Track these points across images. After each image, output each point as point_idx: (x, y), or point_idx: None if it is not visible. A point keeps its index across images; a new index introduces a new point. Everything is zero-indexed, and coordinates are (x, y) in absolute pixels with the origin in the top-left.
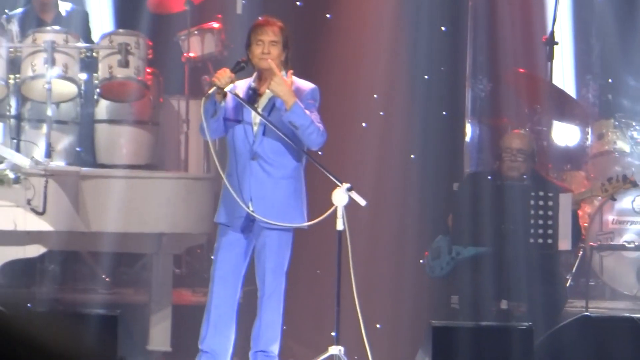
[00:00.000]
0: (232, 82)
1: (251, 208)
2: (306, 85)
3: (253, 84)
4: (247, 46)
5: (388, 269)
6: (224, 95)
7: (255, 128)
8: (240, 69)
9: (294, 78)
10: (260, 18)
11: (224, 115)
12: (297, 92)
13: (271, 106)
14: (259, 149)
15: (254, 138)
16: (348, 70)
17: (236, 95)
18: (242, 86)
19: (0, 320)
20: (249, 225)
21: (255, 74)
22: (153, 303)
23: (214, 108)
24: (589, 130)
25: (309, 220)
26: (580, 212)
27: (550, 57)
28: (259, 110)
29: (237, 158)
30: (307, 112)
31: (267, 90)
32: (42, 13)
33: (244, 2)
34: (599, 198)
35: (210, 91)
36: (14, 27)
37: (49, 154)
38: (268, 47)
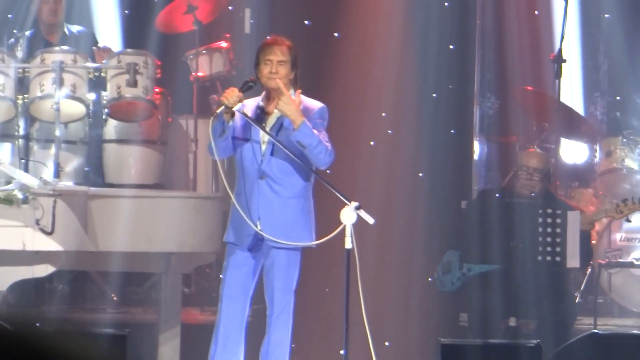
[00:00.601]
0: (240, 101)
1: (259, 227)
2: (315, 104)
3: (261, 103)
4: (255, 65)
5: (396, 287)
6: (232, 114)
7: (263, 147)
8: (248, 88)
9: (302, 97)
10: (268, 37)
11: (232, 134)
12: (306, 111)
13: (279, 125)
14: (267, 168)
15: (262, 157)
16: (356, 88)
17: (244, 114)
18: (250, 105)
19: (10, 340)
20: (257, 244)
21: (263, 93)
22: (162, 322)
23: (222, 128)
24: (597, 147)
25: (317, 240)
26: (593, 232)
27: (558, 74)
28: (267, 129)
29: (245, 177)
30: (315, 131)
31: (276, 110)
32: (49, 35)
33: (252, 21)
34: None
35: (219, 110)
36: (22, 49)
37: (57, 174)
38: (276, 67)
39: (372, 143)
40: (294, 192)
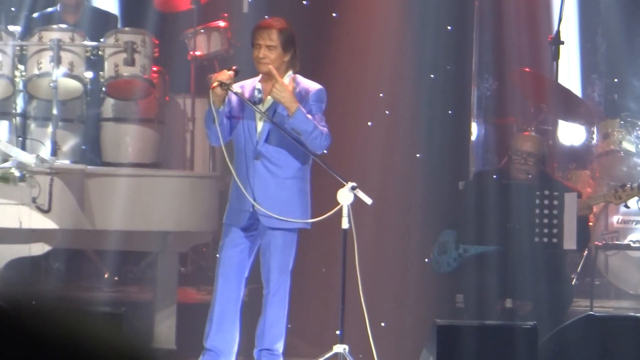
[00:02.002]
0: (231, 79)
1: (255, 206)
2: (313, 86)
3: (258, 84)
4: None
5: (393, 267)
6: (223, 99)
7: (259, 128)
8: (235, 75)
9: (300, 78)
10: (262, 20)
11: (228, 114)
12: (303, 93)
13: (273, 111)
14: (263, 148)
15: (257, 138)
16: (354, 69)
17: (237, 94)
18: (248, 85)
19: (5, 318)
20: (254, 223)
21: (260, 74)
22: (158, 301)
23: (213, 114)
24: (595, 129)
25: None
26: (591, 217)
27: (556, 56)
28: (263, 110)
29: (241, 157)
30: (310, 116)
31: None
32: (66, 14)
33: (250, 0)
34: None
35: (215, 85)
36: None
37: (54, 152)
38: (264, 51)
39: (369, 123)
40: (290, 172)
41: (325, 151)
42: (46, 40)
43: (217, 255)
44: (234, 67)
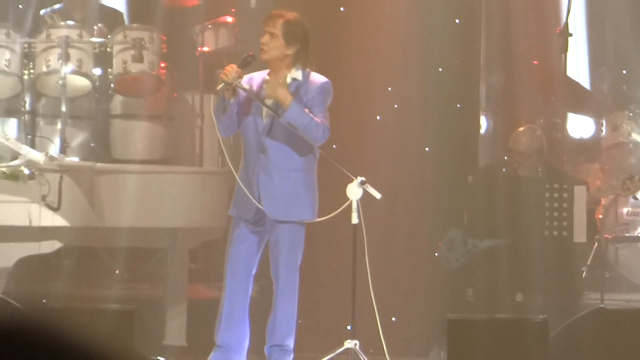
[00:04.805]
0: (239, 77)
1: (261, 202)
2: (319, 79)
3: (267, 77)
4: None
5: (403, 262)
6: (234, 91)
7: (265, 121)
8: (247, 64)
9: (313, 75)
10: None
11: (236, 109)
12: (309, 86)
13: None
14: (268, 142)
15: (263, 131)
16: (362, 63)
17: (244, 89)
18: (257, 78)
19: (16, 316)
20: (261, 218)
21: (269, 69)
22: (168, 298)
23: (223, 105)
24: (603, 122)
25: (320, 214)
26: (600, 209)
27: (564, 48)
28: (270, 104)
29: (248, 151)
30: (307, 110)
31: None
32: (73, 10)
33: None
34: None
35: (219, 87)
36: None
37: (63, 149)
38: (266, 38)
39: (378, 117)
40: (294, 165)
41: (334, 145)
42: (54, 37)
43: (226, 250)
44: (250, 53)
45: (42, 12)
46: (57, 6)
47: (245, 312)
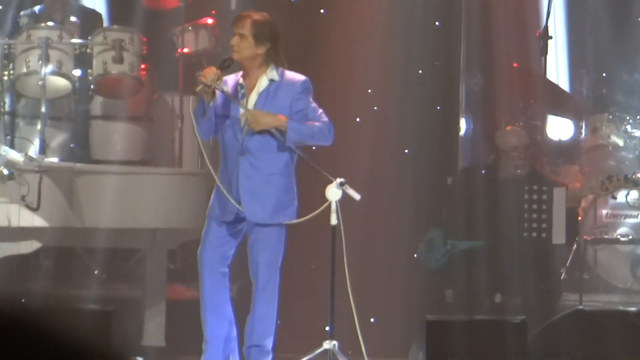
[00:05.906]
0: (219, 79)
1: (242, 205)
2: (297, 77)
3: (241, 80)
4: None
5: (382, 263)
6: (213, 93)
7: (244, 124)
8: (226, 67)
9: (286, 72)
10: None
11: (215, 111)
12: (289, 85)
13: (263, 101)
14: (248, 145)
15: (242, 134)
16: (342, 65)
17: (223, 91)
18: (230, 82)
19: None
20: (241, 219)
21: (242, 71)
22: (147, 298)
23: (203, 108)
24: (583, 124)
25: (299, 215)
26: (580, 211)
27: (544, 51)
28: (248, 106)
29: (227, 154)
30: (309, 123)
31: (256, 85)
32: (53, 12)
33: None
34: None
35: (198, 89)
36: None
37: (43, 150)
38: (236, 39)
39: (358, 120)
40: (274, 168)
41: (313, 147)
42: (34, 38)
43: (198, 252)
44: (231, 56)
45: (22, 13)
46: (37, 8)
47: (227, 301)
